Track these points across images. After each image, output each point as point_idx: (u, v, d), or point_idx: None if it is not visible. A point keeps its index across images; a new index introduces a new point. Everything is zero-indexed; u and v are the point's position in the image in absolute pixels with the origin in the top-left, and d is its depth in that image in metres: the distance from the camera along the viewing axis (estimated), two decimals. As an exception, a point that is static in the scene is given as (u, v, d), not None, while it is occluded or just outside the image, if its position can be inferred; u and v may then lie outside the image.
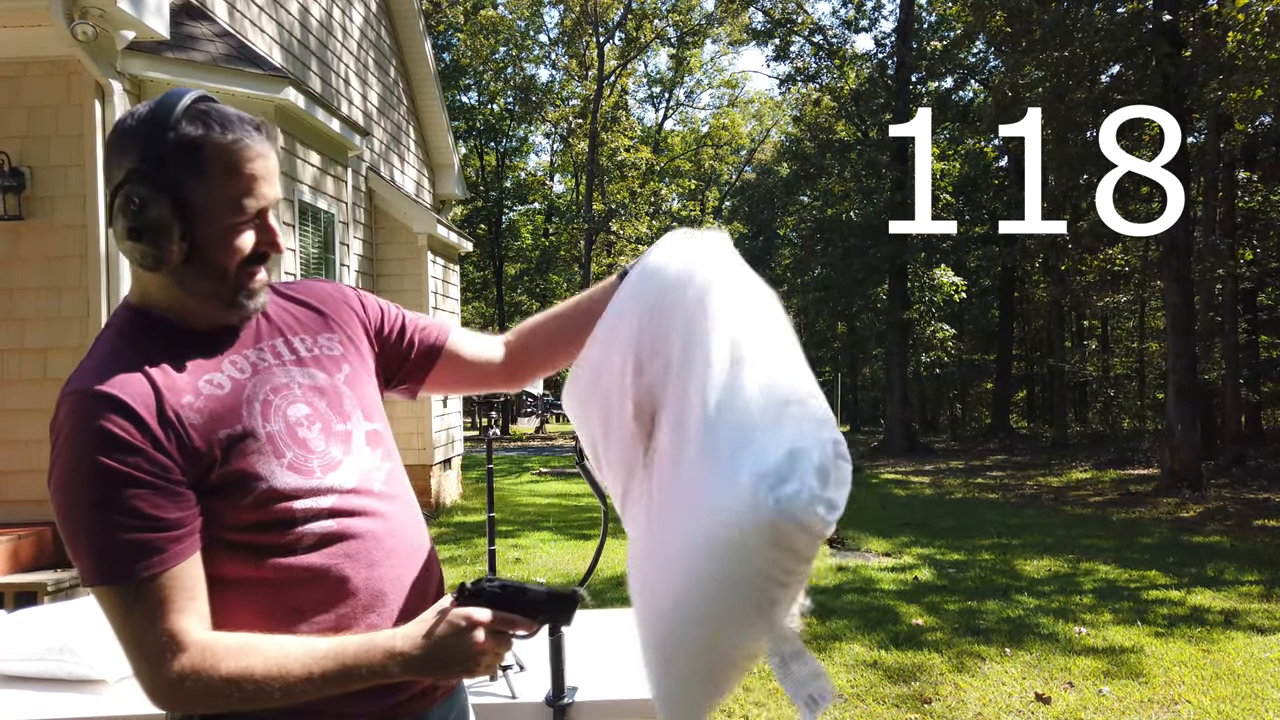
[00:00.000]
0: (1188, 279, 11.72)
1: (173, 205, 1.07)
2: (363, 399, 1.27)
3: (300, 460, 1.14)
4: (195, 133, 1.08)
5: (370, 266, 9.34)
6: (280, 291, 1.30)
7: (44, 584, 4.40)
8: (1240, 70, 9.78)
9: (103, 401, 1.04)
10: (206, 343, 1.16)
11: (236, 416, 1.11)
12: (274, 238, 1.15)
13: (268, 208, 1.14)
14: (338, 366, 1.26)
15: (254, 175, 1.11)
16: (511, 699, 1.97)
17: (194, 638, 1.03)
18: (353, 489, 1.17)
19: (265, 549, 1.10)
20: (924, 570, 6.82)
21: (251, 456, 1.10)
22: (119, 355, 1.10)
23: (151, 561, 1.02)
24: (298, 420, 1.17)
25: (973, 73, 21.77)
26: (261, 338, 1.22)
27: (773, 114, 33.27)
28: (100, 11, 4.60)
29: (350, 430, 1.22)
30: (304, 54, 7.84)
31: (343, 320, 1.32)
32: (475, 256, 26.65)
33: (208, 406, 1.10)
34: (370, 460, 1.22)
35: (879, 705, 3.97)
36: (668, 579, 1.11)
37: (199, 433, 1.07)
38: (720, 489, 1.02)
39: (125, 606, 1.02)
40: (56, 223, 4.87)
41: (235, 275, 1.13)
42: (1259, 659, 4.57)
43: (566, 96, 27.70)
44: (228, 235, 1.11)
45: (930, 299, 20.14)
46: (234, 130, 1.10)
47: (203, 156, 1.08)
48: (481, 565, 6.88)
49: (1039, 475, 14.21)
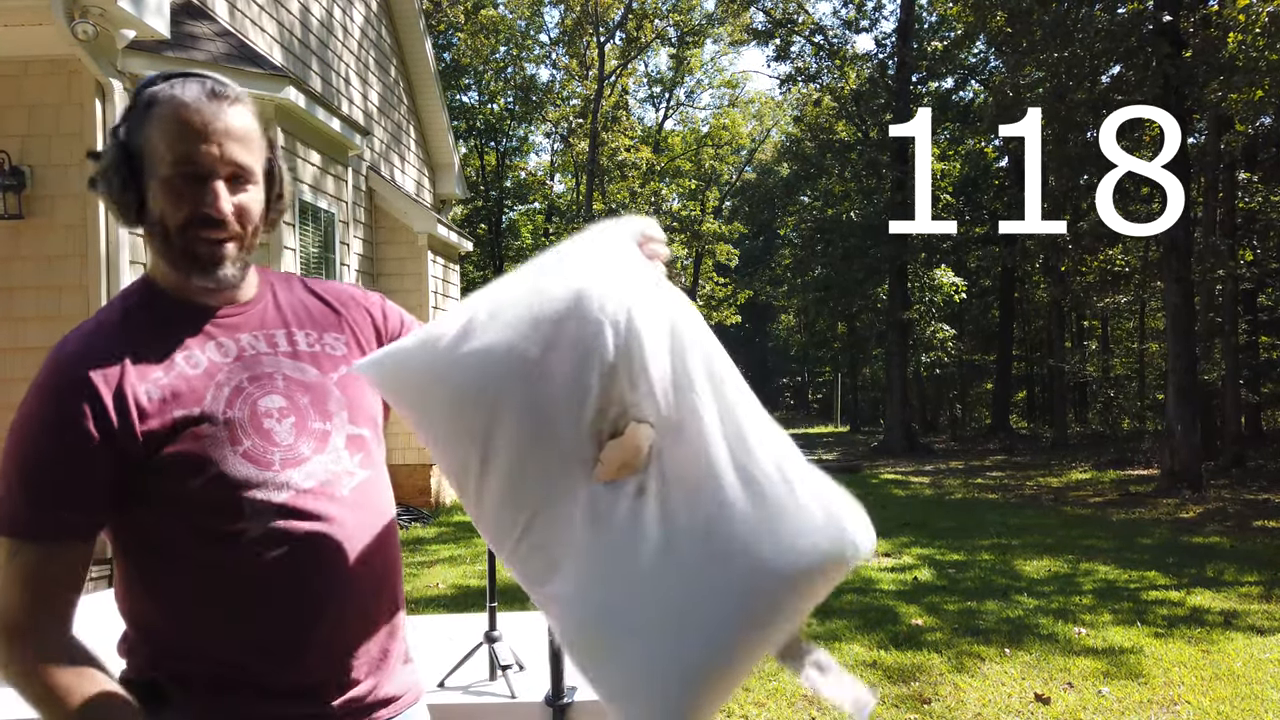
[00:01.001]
0: (1188, 280, 11.71)
1: (117, 154, 1.12)
2: (355, 403, 1.23)
3: (258, 450, 1.12)
4: (155, 90, 1.12)
5: (370, 266, 9.34)
6: (308, 285, 1.32)
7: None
8: (1241, 71, 9.78)
9: (65, 374, 1.08)
10: (198, 318, 1.18)
11: (198, 398, 1.11)
12: (215, 200, 1.12)
13: (206, 169, 1.11)
14: (335, 366, 1.24)
15: (190, 130, 1.10)
16: (511, 699, 1.97)
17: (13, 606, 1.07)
18: (311, 490, 1.14)
19: (211, 533, 1.10)
20: (924, 570, 6.82)
21: (204, 440, 1.10)
22: (105, 326, 1.14)
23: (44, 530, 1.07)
24: (267, 411, 1.15)
25: (973, 73, 21.77)
26: (265, 325, 1.21)
27: (773, 114, 33.26)
28: (101, 10, 4.60)
29: (329, 430, 1.19)
30: (304, 53, 7.84)
31: (357, 323, 1.31)
32: (475, 256, 26.65)
33: (172, 385, 1.11)
34: (345, 464, 1.19)
35: (878, 705, 3.97)
36: (715, 601, 1.12)
37: (154, 409, 1.09)
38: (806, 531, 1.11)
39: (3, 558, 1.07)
40: (57, 222, 4.87)
41: (181, 237, 1.13)
42: (1259, 660, 4.57)
43: (567, 96, 27.70)
44: (162, 189, 1.12)
45: (930, 299, 20.14)
46: (182, 89, 1.12)
47: (150, 111, 1.12)
48: (481, 564, 6.88)
49: (1039, 476, 14.21)
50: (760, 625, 1.11)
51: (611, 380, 1.11)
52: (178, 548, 1.11)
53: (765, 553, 1.09)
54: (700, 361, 1.14)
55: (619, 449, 1.12)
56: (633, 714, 1.17)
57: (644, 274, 1.17)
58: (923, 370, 22.27)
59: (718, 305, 31.29)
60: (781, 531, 1.10)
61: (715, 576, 1.11)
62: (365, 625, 1.19)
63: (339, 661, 1.16)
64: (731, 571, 1.10)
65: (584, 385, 1.10)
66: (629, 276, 1.15)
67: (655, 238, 1.22)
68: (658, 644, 1.13)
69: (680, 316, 1.15)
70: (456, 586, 6.20)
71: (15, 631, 1.06)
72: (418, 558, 7.31)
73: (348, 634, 1.16)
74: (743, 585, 1.10)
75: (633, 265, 1.17)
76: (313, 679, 1.14)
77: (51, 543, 1.08)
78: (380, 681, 1.21)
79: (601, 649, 1.18)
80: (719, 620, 1.11)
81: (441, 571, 6.70)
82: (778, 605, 1.11)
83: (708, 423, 1.12)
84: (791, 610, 1.13)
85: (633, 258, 1.18)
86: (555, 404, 1.11)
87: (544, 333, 1.11)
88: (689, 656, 1.11)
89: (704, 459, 1.12)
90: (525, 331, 1.11)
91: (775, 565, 1.09)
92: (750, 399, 1.17)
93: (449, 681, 2.10)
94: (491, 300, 1.15)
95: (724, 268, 32.93)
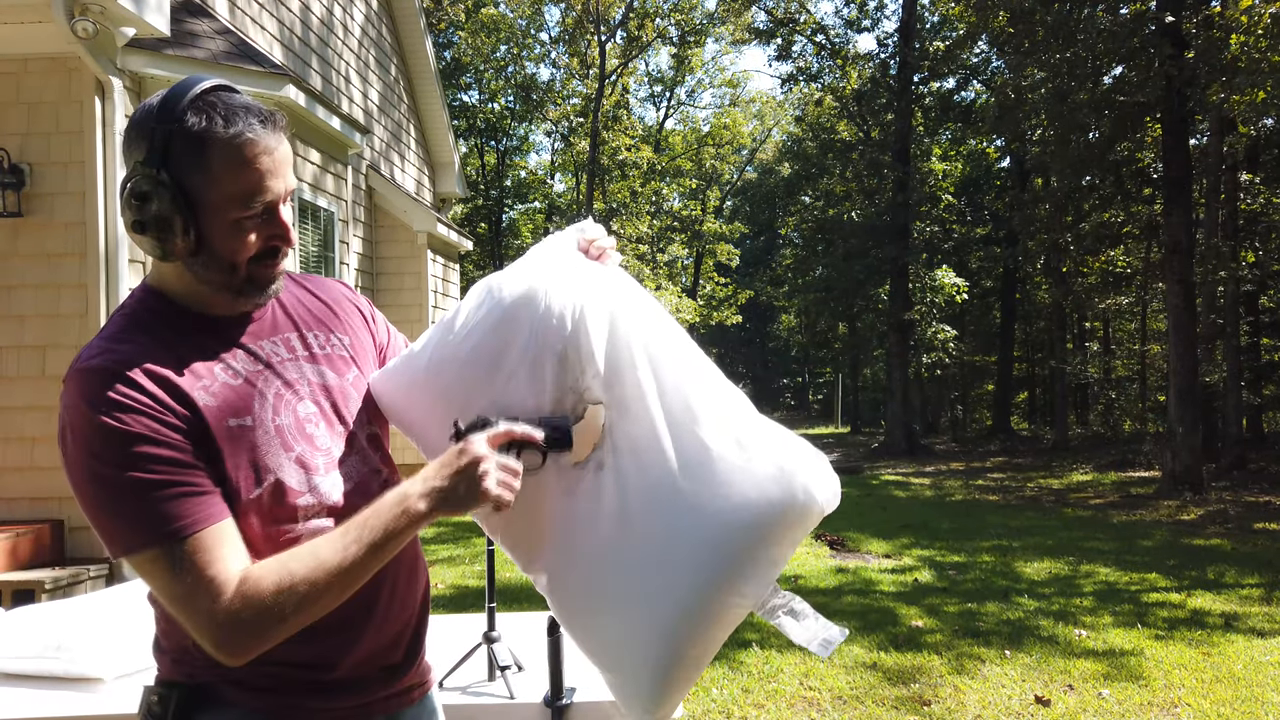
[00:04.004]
0: (1190, 281, 11.70)
1: (174, 199, 1.05)
2: (369, 403, 1.27)
3: (306, 456, 1.14)
4: (199, 126, 1.05)
5: (370, 265, 9.33)
6: (297, 280, 1.30)
7: (42, 582, 4.39)
8: (1243, 72, 9.76)
9: (108, 375, 1.03)
10: (220, 329, 1.15)
11: (247, 407, 1.11)
12: (285, 232, 1.13)
13: (277, 201, 1.11)
14: (348, 367, 1.26)
15: (259, 170, 1.08)
16: (510, 699, 1.97)
17: (233, 572, 1.02)
18: (349, 490, 1.18)
19: (267, 539, 1.10)
20: (924, 572, 6.81)
21: (261, 448, 1.10)
22: (127, 336, 1.09)
23: (185, 522, 1.01)
24: (307, 416, 1.17)
25: (975, 73, 21.74)
26: (278, 329, 1.21)
27: (774, 114, 33.26)
28: (101, 8, 4.59)
29: (355, 432, 1.22)
30: (305, 51, 7.83)
31: (353, 325, 1.33)
32: (475, 255, 26.64)
33: (221, 393, 1.09)
34: (371, 463, 1.23)
35: (878, 707, 3.96)
36: (676, 560, 1.19)
37: (211, 415, 1.07)
38: (758, 483, 1.19)
39: (170, 569, 1.01)
40: (56, 220, 4.86)
41: (246, 269, 1.12)
42: (1259, 662, 4.56)
43: (567, 95, 27.67)
44: (234, 230, 1.09)
45: (931, 300, 20.12)
46: (238, 123, 1.06)
47: (205, 151, 1.06)
48: (480, 564, 6.87)
49: (1039, 477, 14.20)
50: (723, 579, 1.19)
51: (564, 368, 1.21)
52: None
53: (717, 507, 1.18)
54: (640, 343, 1.24)
55: (584, 431, 1.22)
56: (621, 683, 1.24)
57: (585, 269, 1.28)
58: (924, 371, 22.25)
59: (718, 305, 31.27)
60: (733, 486, 1.19)
61: (673, 538, 1.19)
62: (406, 614, 1.25)
63: (385, 652, 1.21)
64: (687, 531, 1.18)
65: (540, 376, 1.21)
66: (570, 273, 1.26)
67: (594, 236, 1.31)
68: (632, 613, 1.20)
69: (620, 305, 1.26)
70: (455, 586, 6.19)
71: (250, 579, 1.02)
72: (417, 557, 7.29)
73: (393, 625, 1.21)
74: (698, 542, 1.18)
75: (574, 263, 1.28)
76: (361, 671, 1.18)
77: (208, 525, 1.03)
78: (417, 666, 1.29)
79: (583, 627, 1.27)
80: (684, 581, 1.18)
81: (440, 572, 6.69)
82: (736, 557, 1.19)
83: (650, 397, 1.22)
84: (753, 561, 1.20)
85: (574, 257, 1.29)
86: (520, 395, 1.22)
87: (501, 334, 1.22)
88: (662, 621, 1.18)
89: (650, 430, 1.21)
90: (486, 334, 1.22)
91: (728, 519, 1.18)
92: (699, 372, 1.27)
93: (448, 682, 2.09)
94: (463, 311, 1.26)
95: (725, 268, 32.94)
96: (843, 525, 8.94)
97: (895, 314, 19.49)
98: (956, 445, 21.99)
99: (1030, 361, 26.57)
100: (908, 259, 19.44)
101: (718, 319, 30.97)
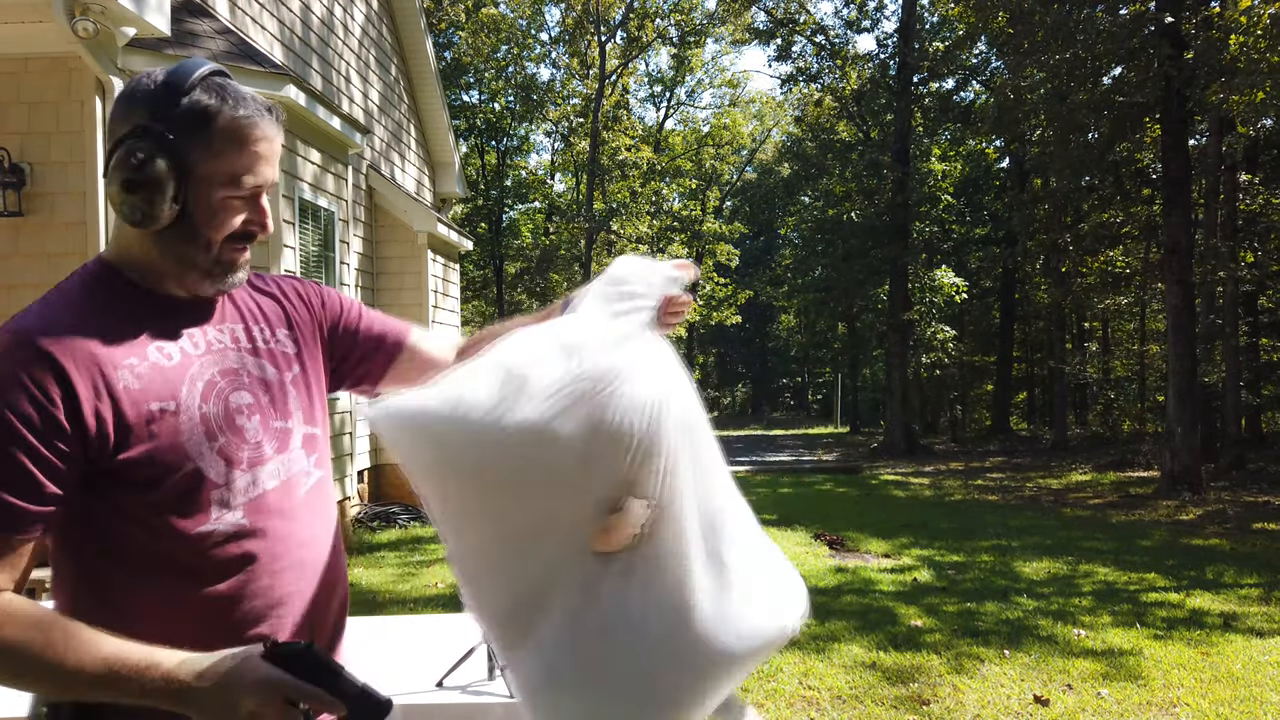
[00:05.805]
0: (1189, 281, 11.70)
1: (171, 165, 1.07)
2: (306, 402, 1.25)
3: (231, 448, 1.12)
4: (208, 102, 1.09)
5: (370, 265, 9.34)
6: (251, 281, 1.30)
7: (41, 581, 4.39)
8: (1242, 73, 9.76)
9: (31, 351, 1.01)
10: (170, 311, 1.15)
11: (173, 391, 1.09)
12: (264, 218, 1.16)
13: (262, 188, 1.15)
14: (289, 364, 1.25)
15: (257, 154, 1.12)
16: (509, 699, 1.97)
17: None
18: (274, 489, 1.15)
19: (176, 532, 1.07)
20: (923, 571, 6.82)
21: (182, 434, 1.08)
22: (72, 307, 1.09)
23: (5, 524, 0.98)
24: (238, 408, 1.15)
25: (974, 74, 21.73)
26: (225, 319, 1.21)
27: (774, 114, 33.25)
28: (101, 8, 4.59)
29: (290, 429, 1.20)
30: (305, 51, 7.83)
31: (300, 319, 1.31)
32: (475, 255, 26.63)
33: (148, 374, 1.08)
34: (302, 464, 1.20)
35: (877, 706, 3.96)
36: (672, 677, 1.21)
37: (129, 399, 1.05)
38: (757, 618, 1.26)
39: None
40: (56, 219, 4.86)
41: (219, 248, 1.13)
42: (1258, 662, 4.57)
43: (568, 95, 27.66)
44: (220, 208, 1.11)
45: (931, 300, 20.12)
46: (246, 107, 1.11)
47: (212, 126, 1.09)
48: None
49: (1038, 477, 14.20)
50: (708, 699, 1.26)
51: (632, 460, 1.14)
52: (137, 551, 1.07)
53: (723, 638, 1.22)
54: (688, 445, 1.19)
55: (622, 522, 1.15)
56: None
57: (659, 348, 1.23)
58: (923, 371, 22.24)
59: (718, 305, 31.28)
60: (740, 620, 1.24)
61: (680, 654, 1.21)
62: (323, 626, 1.21)
63: None
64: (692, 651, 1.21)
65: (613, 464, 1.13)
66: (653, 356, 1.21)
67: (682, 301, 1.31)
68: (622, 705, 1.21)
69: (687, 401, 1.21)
70: (454, 586, 6.19)
71: None
72: (416, 557, 7.30)
73: (305, 629, 1.17)
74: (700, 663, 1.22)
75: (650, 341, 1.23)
76: None
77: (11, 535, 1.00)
78: None
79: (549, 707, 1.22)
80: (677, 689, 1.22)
81: (440, 571, 6.69)
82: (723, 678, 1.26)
83: (689, 506, 1.19)
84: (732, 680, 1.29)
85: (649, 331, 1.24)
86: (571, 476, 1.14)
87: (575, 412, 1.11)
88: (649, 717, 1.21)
89: (682, 542, 1.19)
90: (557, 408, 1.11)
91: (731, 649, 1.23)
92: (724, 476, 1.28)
93: (447, 681, 2.09)
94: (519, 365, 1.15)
95: (724, 268, 32.90)
96: (842, 525, 8.95)
97: (894, 314, 19.49)
98: (955, 445, 21.98)
99: (1029, 362, 26.57)
100: (907, 259, 19.44)
101: (717, 319, 30.98)
